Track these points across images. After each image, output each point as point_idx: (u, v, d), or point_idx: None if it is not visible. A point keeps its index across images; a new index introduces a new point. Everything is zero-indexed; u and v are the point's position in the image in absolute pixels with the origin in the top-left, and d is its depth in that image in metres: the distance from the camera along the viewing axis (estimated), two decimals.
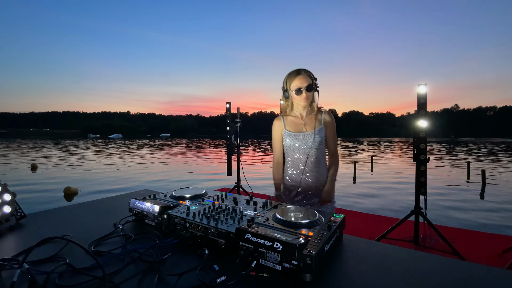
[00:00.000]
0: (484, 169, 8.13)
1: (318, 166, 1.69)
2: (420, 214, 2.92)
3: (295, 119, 1.72)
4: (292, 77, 1.61)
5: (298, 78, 1.59)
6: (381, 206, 5.37)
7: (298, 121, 1.71)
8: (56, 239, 0.93)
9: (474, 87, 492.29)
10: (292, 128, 1.70)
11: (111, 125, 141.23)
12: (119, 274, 0.74)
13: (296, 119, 1.72)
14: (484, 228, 4.02)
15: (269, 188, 6.83)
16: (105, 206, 1.43)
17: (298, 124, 1.70)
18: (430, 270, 0.78)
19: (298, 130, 1.69)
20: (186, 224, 0.97)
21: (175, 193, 1.27)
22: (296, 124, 1.71)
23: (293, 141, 1.68)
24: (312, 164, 1.68)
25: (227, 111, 4.81)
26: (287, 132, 1.70)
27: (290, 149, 1.71)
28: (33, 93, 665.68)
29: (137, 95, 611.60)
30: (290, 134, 1.69)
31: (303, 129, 1.68)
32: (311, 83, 1.58)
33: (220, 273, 0.73)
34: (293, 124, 1.71)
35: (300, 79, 1.58)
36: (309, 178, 1.69)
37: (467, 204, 5.69)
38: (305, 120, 1.70)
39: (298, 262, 0.71)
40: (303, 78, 1.58)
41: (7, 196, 1.14)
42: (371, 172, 10.53)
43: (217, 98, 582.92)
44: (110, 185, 7.58)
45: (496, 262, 2.78)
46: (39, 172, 9.76)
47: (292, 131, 1.69)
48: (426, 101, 2.82)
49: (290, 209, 1.03)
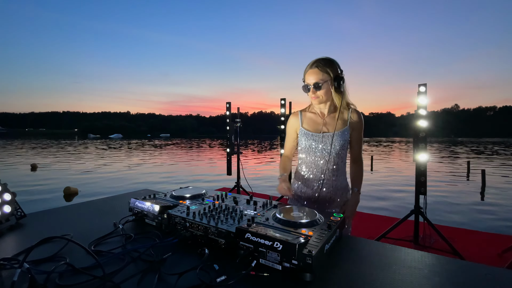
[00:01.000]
0: (484, 169, 8.13)
1: (337, 174, 1.44)
2: (420, 214, 2.92)
3: (315, 117, 1.47)
4: (306, 70, 1.38)
5: (309, 73, 1.35)
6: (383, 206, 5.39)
7: (318, 119, 1.46)
8: (56, 239, 0.93)
9: (474, 87, 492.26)
10: (310, 127, 1.45)
11: (111, 125, 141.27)
12: (119, 273, 0.74)
13: (316, 117, 1.47)
14: (484, 228, 4.02)
15: (269, 188, 6.84)
16: (105, 206, 1.43)
17: (318, 123, 1.45)
18: (430, 269, 0.78)
19: (317, 129, 1.44)
20: (186, 223, 0.97)
21: (175, 192, 1.27)
22: (316, 122, 1.46)
23: (309, 142, 1.43)
24: (330, 171, 1.42)
25: (227, 111, 4.81)
26: (304, 131, 1.45)
27: (305, 151, 1.46)
28: (33, 93, 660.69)
29: (137, 95, 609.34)
30: (307, 134, 1.44)
31: (324, 129, 1.43)
32: (321, 80, 1.32)
33: (220, 273, 0.73)
34: (311, 122, 1.46)
35: (310, 74, 1.35)
36: (324, 187, 1.43)
37: (468, 204, 5.69)
38: (327, 119, 1.44)
39: (298, 261, 0.71)
40: (313, 73, 1.34)
41: (7, 195, 1.14)
42: (371, 171, 10.53)
43: (217, 98, 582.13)
44: (110, 185, 7.58)
45: (496, 262, 2.78)
46: (39, 172, 9.76)
47: (310, 130, 1.44)
48: (426, 101, 2.82)
49: (290, 208, 1.03)
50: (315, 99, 1.38)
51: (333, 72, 1.33)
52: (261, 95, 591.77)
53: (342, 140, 1.39)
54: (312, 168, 1.45)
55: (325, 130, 1.42)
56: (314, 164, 1.44)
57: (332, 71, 1.33)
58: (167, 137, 76.52)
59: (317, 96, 1.36)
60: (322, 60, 1.34)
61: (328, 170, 1.42)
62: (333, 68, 1.34)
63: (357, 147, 1.47)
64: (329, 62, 1.34)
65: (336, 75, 1.34)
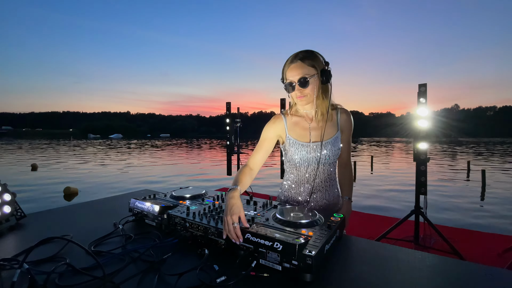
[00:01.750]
0: (484, 169, 8.13)
1: (330, 185, 1.29)
2: (420, 214, 2.92)
3: (301, 121, 1.27)
4: (287, 66, 1.16)
5: (291, 69, 1.14)
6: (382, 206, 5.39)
7: (305, 124, 1.26)
8: (56, 239, 0.93)
9: (474, 87, 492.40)
10: (296, 134, 1.25)
11: (111, 125, 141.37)
12: (119, 274, 0.74)
13: (302, 121, 1.27)
14: (484, 228, 4.02)
15: (270, 188, 6.84)
16: (105, 206, 1.43)
17: (305, 128, 1.26)
18: (430, 270, 0.78)
19: (305, 137, 1.25)
20: (186, 224, 0.97)
21: (175, 193, 1.27)
22: (303, 128, 1.26)
23: (300, 153, 1.23)
24: (323, 182, 1.27)
25: (227, 111, 4.82)
26: (292, 140, 1.25)
27: (293, 163, 1.28)
28: (33, 93, 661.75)
29: (137, 95, 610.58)
30: (296, 143, 1.24)
31: (313, 136, 1.24)
32: (308, 74, 1.12)
33: (220, 273, 0.73)
34: (298, 129, 1.26)
35: (292, 70, 1.14)
36: (316, 199, 1.28)
37: (468, 204, 5.69)
38: (314, 123, 1.25)
39: (298, 262, 0.71)
40: (296, 68, 1.13)
41: (7, 196, 1.14)
42: (371, 171, 10.53)
43: (217, 98, 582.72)
44: (110, 185, 7.58)
45: (496, 262, 2.77)
46: (39, 172, 9.76)
47: (297, 138, 1.25)
48: (426, 101, 2.82)
49: (290, 209, 1.03)
50: (302, 98, 1.16)
51: (319, 66, 1.14)
52: (261, 95, 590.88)
53: (335, 149, 1.24)
54: (302, 181, 1.28)
55: (314, 137, 1.24)
56: (303, 176, 1.27)
57: (318, 65, 1.14)
58: (167, 137, 76.55)
59: (304, 94, 1.15)
60: (304, 52, 1.14)
61: (321, 181, 1.27)
62: (319, 61, 1.14)
63: (346, 151, 1.33)
64: (313, 54, 1.14)
65: (322, 69, 1.14)
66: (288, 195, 1.34)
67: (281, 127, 1.28)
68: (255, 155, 1.23)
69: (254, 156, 1.23)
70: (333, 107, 1.27)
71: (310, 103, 1.20)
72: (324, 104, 1.20)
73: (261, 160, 1.23)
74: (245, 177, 1.14)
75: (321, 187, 1.28)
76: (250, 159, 1.23)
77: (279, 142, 1.34)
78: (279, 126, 1.28)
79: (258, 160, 1.22)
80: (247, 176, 1.15)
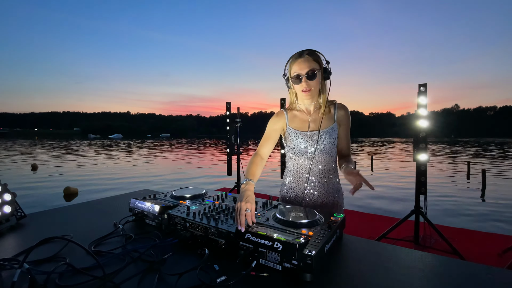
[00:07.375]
0: (485, 169, 8.13)
1: (327, 176, 1.35)
2: (420, 214, 2.92)
3: (301, 115, 1.38)
4: (293, 61, 1.27)
5: (298, 63, 1.25)
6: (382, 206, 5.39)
7: (304, 117, 1.37)
8: (56, 239, 0.93)
9: (474, 87, 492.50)
10: (296, 125, 1.37)
11: (111, 125, 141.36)
12: (119, 274, 0.74)
13: (302, 115, 1.38)
14: (484, 228, 4.02)
15: (269, 188, 6.84)
16: (105, 206, 1.43)
17: (304, 120, 1.36)
18: (430, 269, 0.78)
19: (303, 127, 1.36)
20: (186, 224, 0.97)
21: (175, 193, 1.27)
22: (302, 120, 1.37)
23: (297, 142, 1.34)
24: (320, 172, 1.34)
25: (227, 111, 4.81)
26: (291, 130, 1.36)
27: (293, 152, 1.38)
28: (33, 93, 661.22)
29: (137, 95, 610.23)
30: (295, 133, 1.35)
31: (311, 126, 1.35)
32: (314, 68, 1.23)
33: (220, 273, 0.73)
34: (298, 121, 1.37)
35: (300, 64, 1.24)
36: (314, 190, 1.35)
37: (468, 204, 5.69)
38: (313, 116, 1.36)
39: (298, 262, 0.71)
40: (304, 62, 1.23)
41: (7, 196, 1.14)
42: (371, 172, 10.53)
43: (217, 98, 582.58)
44: (110, 185, 7.58)
45: (496, 262, 2.77)
46: (39, 172, 9.76)
47: (296, 128, 1.36)
48: (426, 101, 2.82)
49: (290, 209, 1.03)
50: (308, 92, 1.26)
51: (322, 63, 1.27)
52: (261, 95, 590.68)
53: (332, 138, 1.32)
54: (299, 170, 1.37)
55: (312, 128, 1.34)
56: (302, 165, 1.36)
57: (321, 62, 1.27)
58: (167, 137, 76.54)
59: (310, 87, 1.25)
60: (310, 50, 1.26)
61: (318, 171, 1.34)
62: (321, 59, 1.27)
63: (345, 143, 1.38)
64: (317, 53, 1.27)
65: (327, 65, 1.27)
66: (286, 187, 1.44)
67: (284, 120, 1.40)
68: (264, 145, 1.36)
69: (263, 145, 1.36)
70: (331, 102, 1.37)
71: (312, 97, 1.30)
72: (323, 98, 1.33)
73: (269, 150, 1.37)
74: (257, 168, 1.26)
75: (319, 177, 1.35)
76: (260, 148, 1.36)
77: (281, 137, 1.46)
78: (282, 119, 1.41)
79: (267, 150, 1.36)
80: (259, 166, 1.28)
